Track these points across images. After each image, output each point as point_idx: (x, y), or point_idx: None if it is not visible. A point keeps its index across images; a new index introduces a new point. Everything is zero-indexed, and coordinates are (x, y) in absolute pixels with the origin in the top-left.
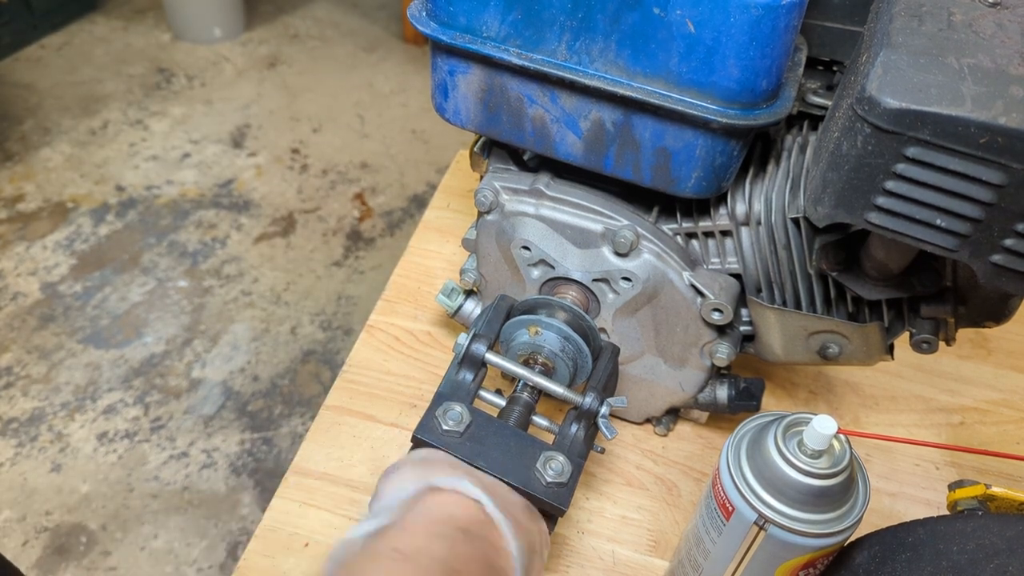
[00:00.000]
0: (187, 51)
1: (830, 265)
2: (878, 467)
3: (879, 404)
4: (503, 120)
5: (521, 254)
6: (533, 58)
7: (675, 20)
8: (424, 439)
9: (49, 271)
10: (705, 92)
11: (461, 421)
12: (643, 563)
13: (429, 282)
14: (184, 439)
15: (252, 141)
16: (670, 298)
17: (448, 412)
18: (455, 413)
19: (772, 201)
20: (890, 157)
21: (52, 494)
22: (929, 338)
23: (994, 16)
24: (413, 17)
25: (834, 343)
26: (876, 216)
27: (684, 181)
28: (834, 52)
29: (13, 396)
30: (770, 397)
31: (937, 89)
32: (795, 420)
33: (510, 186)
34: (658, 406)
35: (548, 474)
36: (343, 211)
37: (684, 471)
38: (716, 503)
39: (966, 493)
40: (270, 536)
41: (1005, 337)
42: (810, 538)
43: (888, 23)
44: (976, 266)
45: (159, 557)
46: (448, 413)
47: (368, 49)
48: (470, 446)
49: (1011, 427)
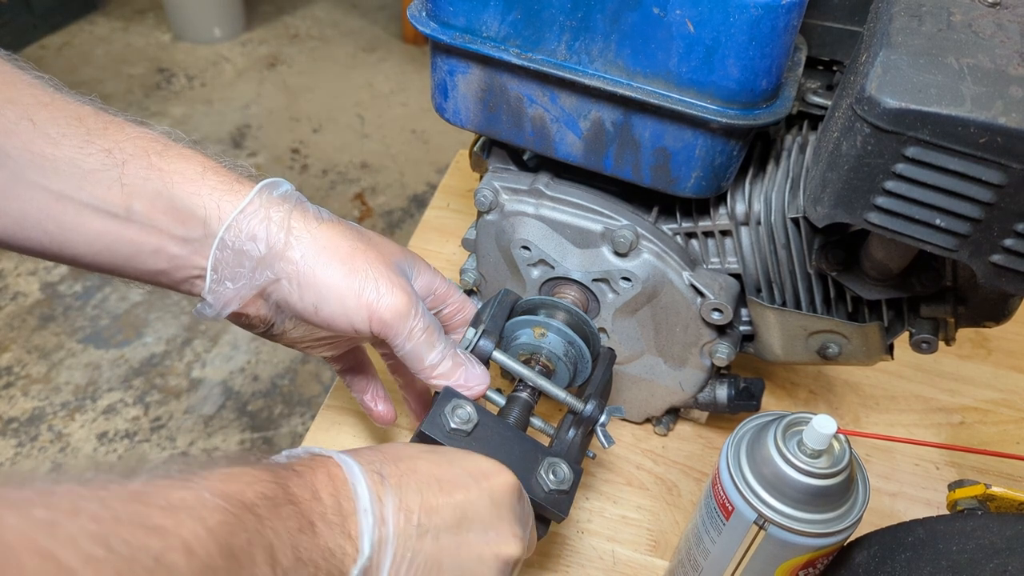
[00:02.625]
0: (187, 51)
1: (830, 265)
2: (878, 467)
3: (879, 404)
4: (503, 120)
5: (521, 254)
6: (533, 58)
7: (674, 20)
8: (431, 435)
9: (49, 271)
10: (705, 92)
11: (469, 420)
12: (643, 563)
13: None
14: (184, 439)
15: (252, 141)
16: (670, 298)
17: (457, 410)
18: (464, 412)
19: (772, 201)
20: (890, 157)
21: None
22: (929, 338)
23: (994, 16)
24: (413, 17)
25: (834, 343)
26: (876, 216)
27: (684, 181)
28: (834, 52)
29: (13, 396)
30: (770, 397)
31: (937, 89)
32: (795, 420)
33: (510, 186)
34: (658, 406)
35: (550, 480)
36: (343, 211)
37: (684, 471)
38: (716, 503)
39: (966, 493)
40: None
41: (1005, 337)
42: (810, 538)
43: (888, 23)
44: (976, 266)
45: None
46: (457, 411)
47: (368, 49)
48: (475, 446)
49: (1011, 427)
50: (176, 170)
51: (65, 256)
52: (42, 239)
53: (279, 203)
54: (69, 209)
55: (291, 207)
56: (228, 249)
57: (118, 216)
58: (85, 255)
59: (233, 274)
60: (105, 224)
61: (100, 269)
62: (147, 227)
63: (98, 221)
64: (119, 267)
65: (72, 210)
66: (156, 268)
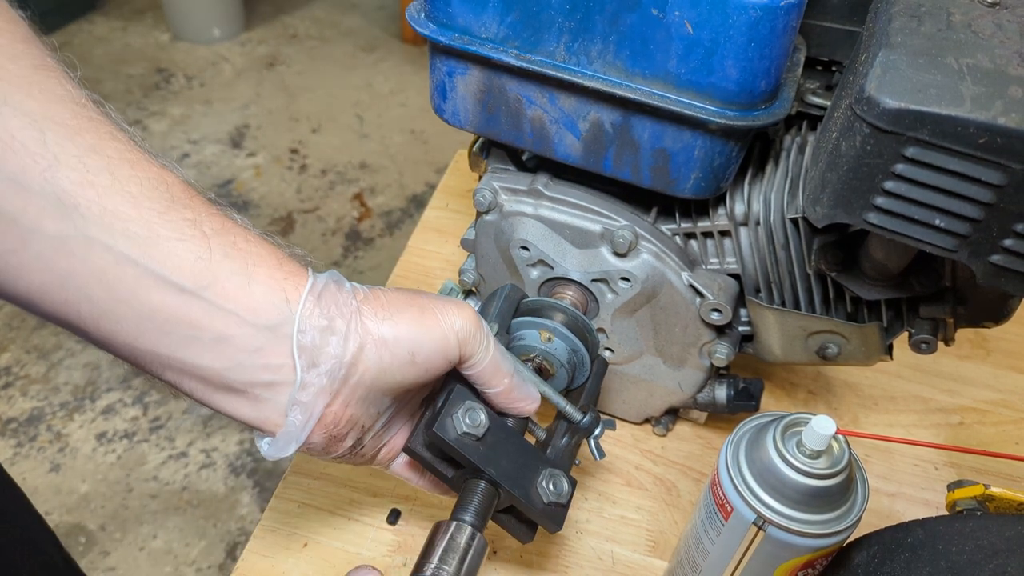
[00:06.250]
0: (186, 51)
1: (829, 265)
2: (877, 467)
3: (878, 404)
4: (502, 121)
5: (520, 254)
6: (532, 59)
7: (673, 21)
8: (442, 437)
9: None
10: (704, 93)
11: (480, 426)
12: (642, 563)
13: (428, 282)
14: (183, 439)
15: (251, 141)
16: (669, 298)
17: (469, 412)
18: (477, 416)
19: (771, 201)
20: (889, 157)
21: (51, 494)
22: (928, 338)
23: (993, 16)
24: (412, 18)
25: (833, 343)
26: (875, 216)
27: (683, 182)
28: (833, 52)
29: (12, 396)
30: (769, 397)
31: (936, 89)
32: (794, 420)
33: (509, 186)
34: (657, 406)
35: (550, 492)
36: (342, 211)
37: (683, 471)
38: (715, 503)
39: (965, 493)
40: (269, 536)
41: (1004, 337)
42: (809, 538)
43: (887, 23)
44: (975, 266)
45: (158, 557)
46: (469, 413)
47: (367, 49)
48: (483, 451)
49: (1010, 427)
50: (257, 253)
51: (101, 330)
52: (81, 307)
53: (338, 281)
54: (128, 275)
55: (349, 284)
56: (308, 332)
57: (185, 291)
58: (127, 332)
59: (318, 356)
60: (165, 298)
61: (135, 355)
62: (216, 308)
63: (158, 293)
64: (163, 355)
65: (132, 276)
66: (210, 365)
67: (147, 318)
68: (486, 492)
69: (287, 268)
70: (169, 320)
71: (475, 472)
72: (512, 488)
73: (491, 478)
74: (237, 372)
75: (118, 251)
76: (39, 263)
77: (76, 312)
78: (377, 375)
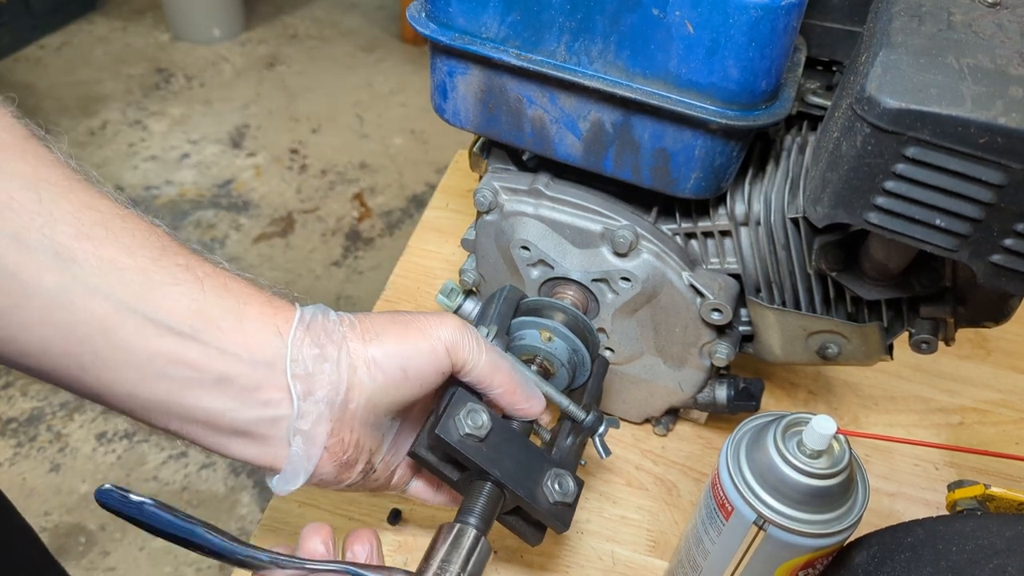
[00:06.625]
0: (186, 51)
1: (829, 265)
2: (877, 467)
3: (878, 404)
4: (502, 121)
5: (520, 254)
6: (532, 59)
7: (674, 21)
8: (444, 439)
9: None
10: (704, 93)
11: (483, 427)
12: (642, 563)
13: (428, 282)
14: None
15: (251, 141)
16: (669, 298)
17: (471, 414)
18: (479, 417)
19: (771, 201)
20: (889, 157)
21: (51, 494)
22: (928, 338)
23: (994, 16)
24: (412, 18)
25: (833, 343)
26: (875, 216)
27: (683, 182)
28: (834, 52)
29: (12, 396)
30: (769, 397)
31: (937, 89)
32: (794, 420)
33: (509, 186)
34: (657, 406)
35: (556, 492)
36: (342, 211)
37: (683, 471)
38: (715, 503)
39: (965, 493)
40: (269, 536)
41: (1004, 337)
42: (809, 538)
43: (888, 23)
44: (975, 266)
45: (158, 557)
46: (471, 415)
47: (367, 49)
48: (487, 453)
49: (1010, 427)
50: (247, 292)
51: (102, 381)
52: (83, 359)
53: (324, 312)
54: (128, 323)
55: (335, 313)
56: (301, 362)
57: (183, 334)
58: (129, 381)
59: (313, 384)
60: (165, 342)
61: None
62: (214, 350)
63: (157, 339)
64: (165, 402)
65: (132, 324)
66: (212, 407)
67: (147, 363)
68: (491, 494)
69: (276, 304)
70: (169, 364)
71: (480, 474)
72: (517, 488)
73: (496, 479)
74: (240, 412)
75: (116, 298)
76: (40, 316)
77: (78, 365)
78: (373, 395)
